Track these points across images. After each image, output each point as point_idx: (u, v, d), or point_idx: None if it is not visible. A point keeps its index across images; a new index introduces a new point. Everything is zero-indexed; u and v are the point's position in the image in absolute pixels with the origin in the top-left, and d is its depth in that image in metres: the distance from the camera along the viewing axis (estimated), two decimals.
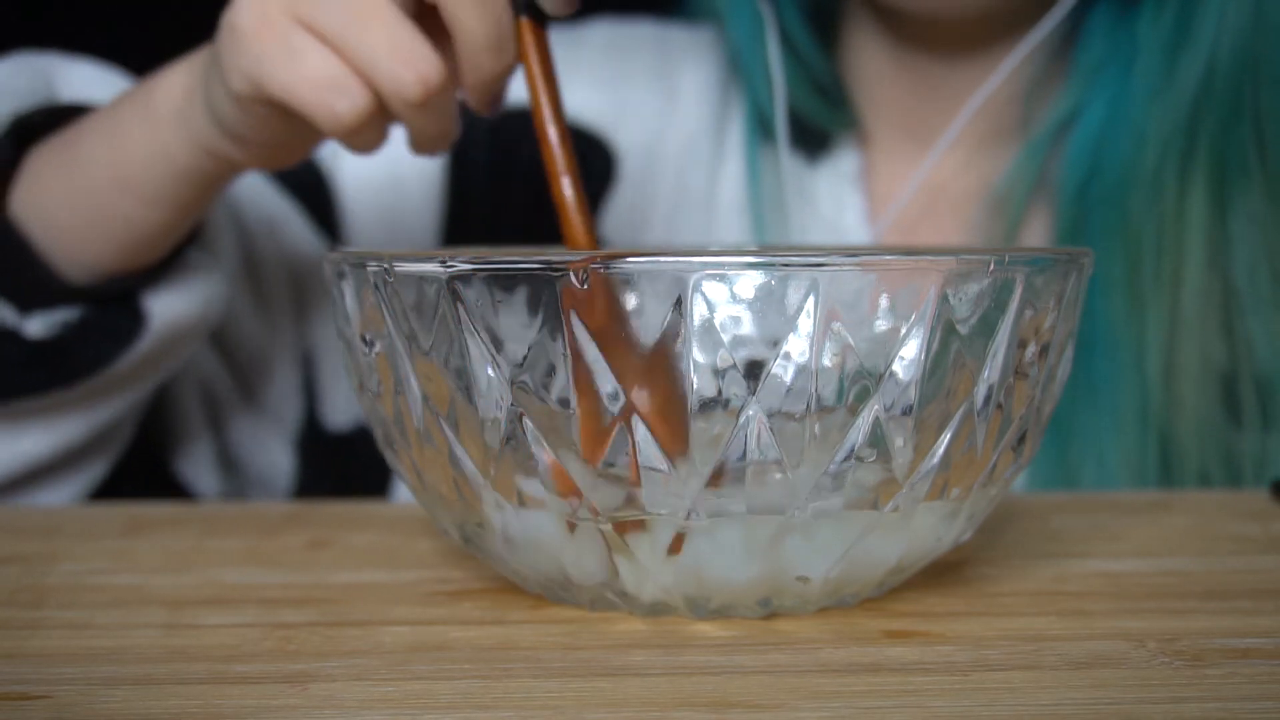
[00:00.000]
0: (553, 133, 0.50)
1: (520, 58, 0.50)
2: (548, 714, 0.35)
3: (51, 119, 0.61)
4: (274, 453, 0.75)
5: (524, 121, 0.78)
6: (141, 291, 0.61)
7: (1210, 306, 0.69)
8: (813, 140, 0.75)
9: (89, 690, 0.37)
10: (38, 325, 0.59)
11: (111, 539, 0.54)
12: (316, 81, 0.49)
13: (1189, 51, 0.68)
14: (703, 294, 0.37)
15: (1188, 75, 0.68)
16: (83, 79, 0.65)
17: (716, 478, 0.39)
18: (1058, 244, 0.71)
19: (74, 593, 0.46)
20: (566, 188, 0.49)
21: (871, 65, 0.75)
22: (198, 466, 0.72)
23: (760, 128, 0.75)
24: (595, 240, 0.50)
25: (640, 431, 0.38)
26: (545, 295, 0.38)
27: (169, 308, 0.61)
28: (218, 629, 0.42)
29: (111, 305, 0.60)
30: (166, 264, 0.61)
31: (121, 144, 0.57)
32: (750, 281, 0.37)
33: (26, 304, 0.59)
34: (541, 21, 0.50)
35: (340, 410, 0.76)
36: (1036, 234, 0.73)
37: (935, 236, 0.74)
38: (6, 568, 0.49)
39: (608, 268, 0.37)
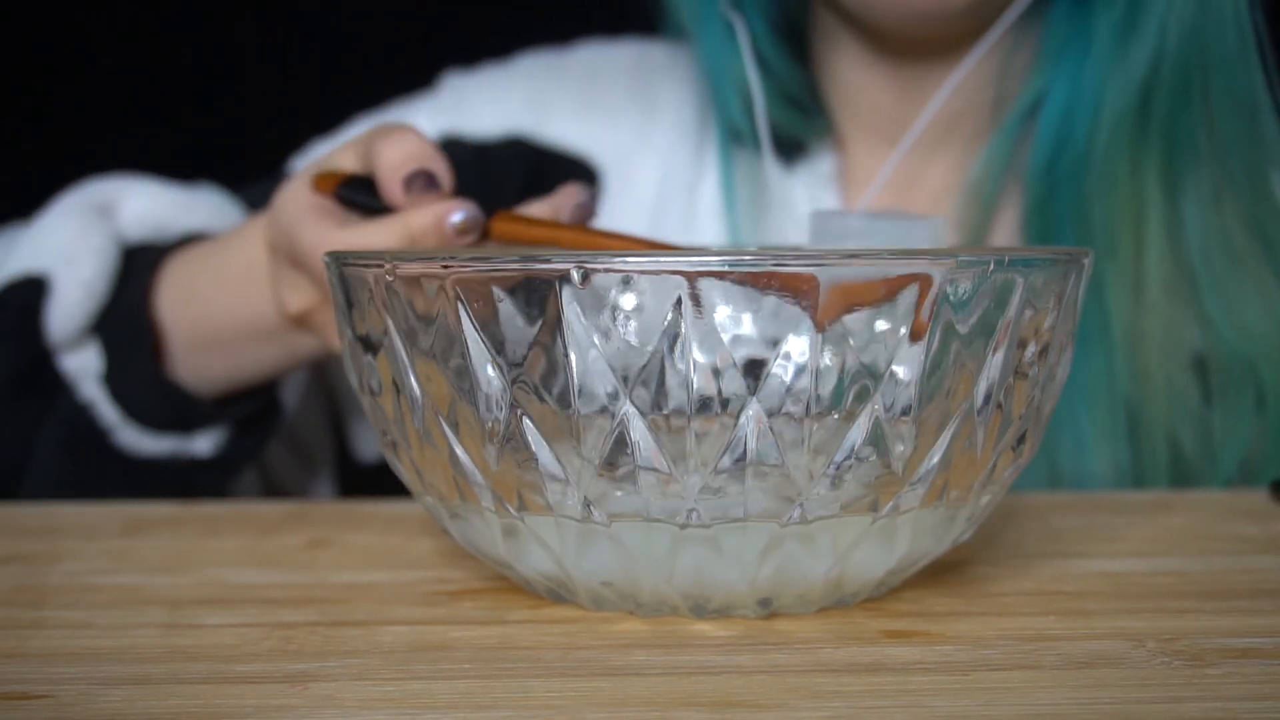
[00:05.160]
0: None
1: (526, 238, 0.54)
2: (548, 714, 0.35)
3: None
4: (315, 486, 0.80)
5: (510, 151, 0.81)
6: (280, 390, 0.70)
7: (1175, 283, 0.70)
8: (789, 146, 0.76)
9: (90, 690, 0.37)
10: (205, 445, 0.68)
11: (111, 539, 0.54)
12: None
13: (1138, 36, 0.70)
14: (703, 294, 0.37)
15: (1137, 59, 0.69)
16: (139, 210, 0.69)
17: (715, 478, 0.39)
18: (1026, 223, 0.72)
19: (74, 593, 0.46)
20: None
21: (847, 72, 0.76)
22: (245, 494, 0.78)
23: (733, 137, 0.76)
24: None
25: (638, 431, 0.38)
26: (545, 295, 0.38)
27: (292, 392, 0.72)
28: (218, 629, 0.42)
29: (262, 409, 0.69)
30: None
31: (282, 357, 0.65)
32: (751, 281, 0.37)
33: (192, 430, 0.67)
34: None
35: (370, 445, 0.80)
36: (1010, 220, 0.74)
37: None
38: (7, 568, 0.49)
39: (590, 266, 0.38)
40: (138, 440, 0.66)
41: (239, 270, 0.62)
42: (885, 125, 0.76)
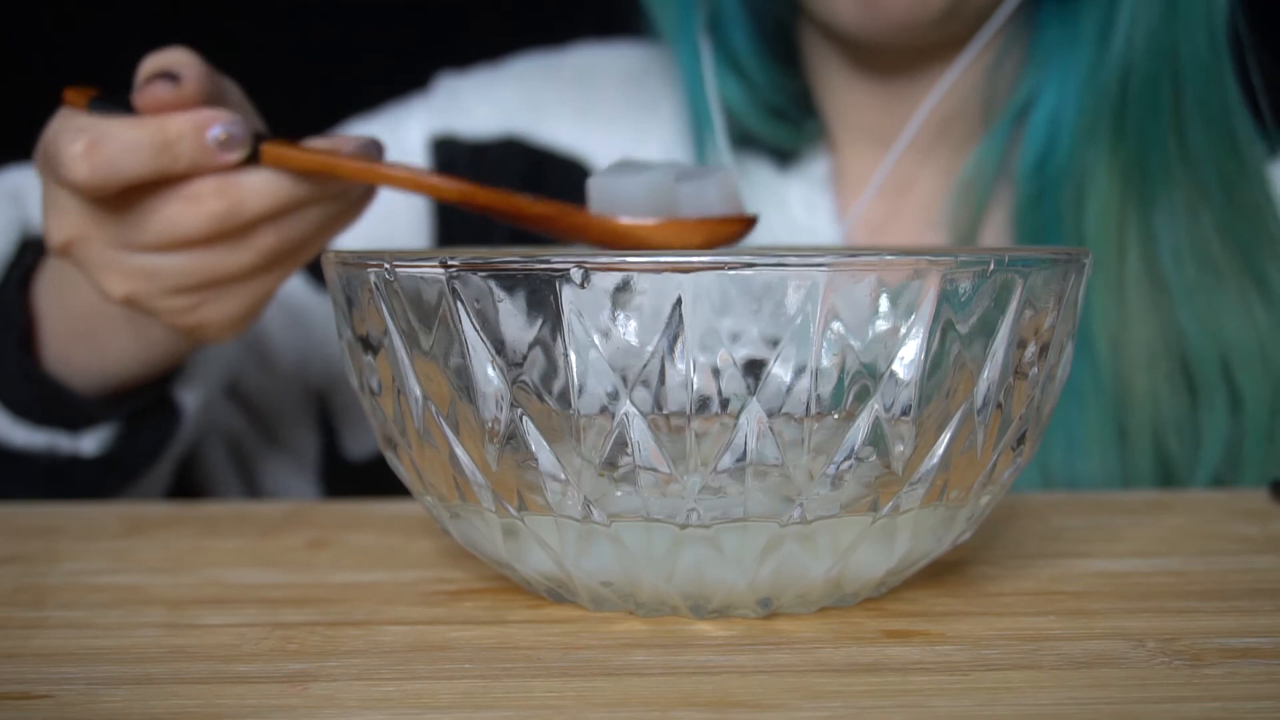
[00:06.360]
0: (403, 173, 0.51)
1: (303, 168, 0.51)
2: (548, 714, 0.35)
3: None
4: (299, 488, 0.79)
5: (506, 150, 0.80)
6: (172, 388, 0.65)
7: (1153, 288, 0.70)
8: (781, 152, 0.76)
9: (90, 690, 0.37)
10: (91, 443, 0.64)
11: (111, 539, 0.54)
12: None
13: (1112, 42, 0.69)
14: (702, 293, 0.37)
15: (1109, 65, 0.70)
16: None
17: (716, 478, 0.39)
18: (1017, 224, 0.72)
19: (74, 593, 0.46)
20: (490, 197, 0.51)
21: (835, 79, 0.77)
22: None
23: (732, 139, 0.76)
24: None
25: (638, 431, 0.38)
26: (545, 295, 0.38)
27: (198, 392, 0.66)
28: (218, 629, 0.42)
29: (149, 409, 0.65)
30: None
31: (105, 352, 0.62)
32: (751, 281, 0.37)
33: (76, 428, 0.64)
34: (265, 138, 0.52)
35: (358, 443, 0.79)
36: (999, 222, 0.74)
37: (903, 234, 0.75)
38: (7, 568, 0.49)
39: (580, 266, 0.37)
40: (8, 430, 0.64)
41: None
42: (875, 131, 0.76)
